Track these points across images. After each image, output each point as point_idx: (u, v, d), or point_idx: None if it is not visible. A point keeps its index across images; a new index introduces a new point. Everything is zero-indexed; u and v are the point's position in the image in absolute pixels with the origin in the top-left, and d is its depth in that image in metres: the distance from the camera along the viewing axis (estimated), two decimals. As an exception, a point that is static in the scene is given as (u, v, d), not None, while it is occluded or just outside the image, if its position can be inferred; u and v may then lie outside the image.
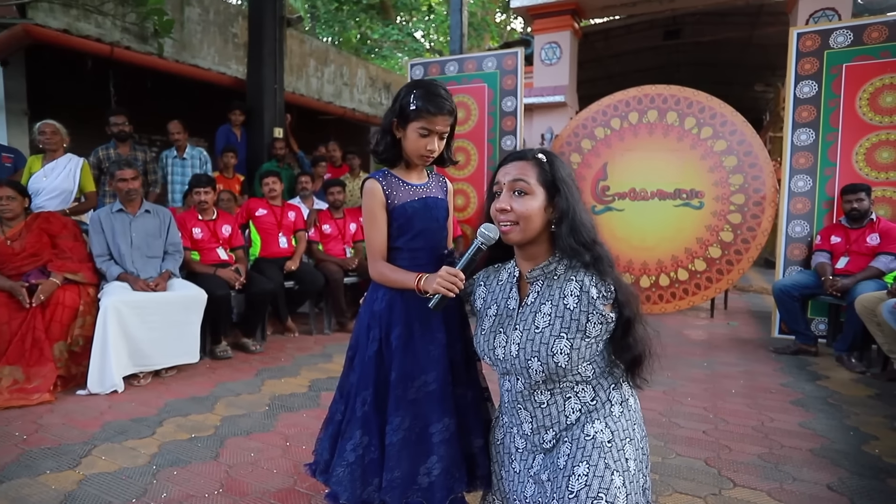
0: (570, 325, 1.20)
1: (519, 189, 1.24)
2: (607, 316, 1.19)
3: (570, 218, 1.23)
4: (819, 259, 3.71)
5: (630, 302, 1.22)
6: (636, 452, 1.20)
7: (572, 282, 1.23)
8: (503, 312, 1.33)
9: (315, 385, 2.99)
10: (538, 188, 1.24)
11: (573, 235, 1.22)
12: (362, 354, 1.48)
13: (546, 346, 1.21)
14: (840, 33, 3.97)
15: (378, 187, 1.44)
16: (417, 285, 1.35)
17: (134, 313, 2.90)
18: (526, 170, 1.25)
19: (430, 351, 1.43)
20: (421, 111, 1.37)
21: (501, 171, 1.29)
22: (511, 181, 1.25)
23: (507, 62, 5.11)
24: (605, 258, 1.23)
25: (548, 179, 1.25)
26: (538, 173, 1.25)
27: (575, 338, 1.19)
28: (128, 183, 3.13)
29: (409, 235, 1.46)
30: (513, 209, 1.23)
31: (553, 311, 1.23)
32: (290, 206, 4.30)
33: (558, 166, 1.27)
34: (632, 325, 1.23)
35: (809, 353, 3.66)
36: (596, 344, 1.23)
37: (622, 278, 1.25)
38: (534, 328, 1.24)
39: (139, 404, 2.65)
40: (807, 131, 4.07)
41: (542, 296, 1.26)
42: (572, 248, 1.22)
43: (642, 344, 1.25)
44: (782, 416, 2.58)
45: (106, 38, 5.35)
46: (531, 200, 1.23)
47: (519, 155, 1.29)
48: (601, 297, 1.19)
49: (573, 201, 1.24)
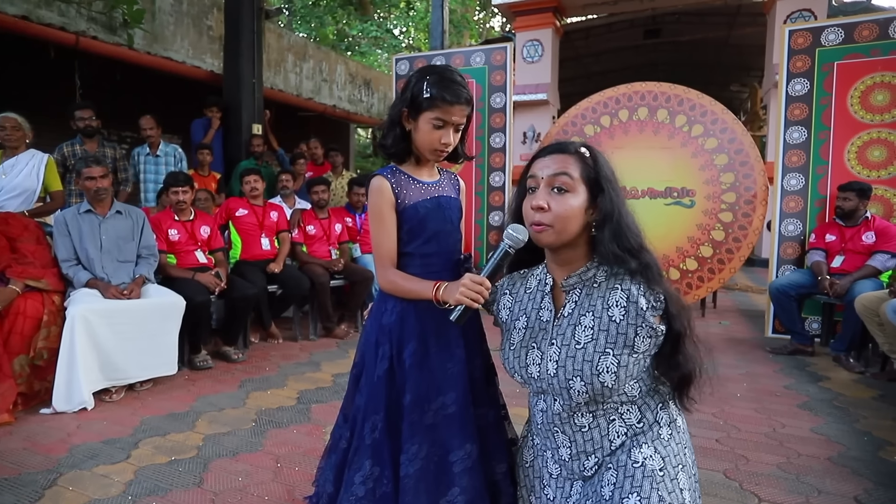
0: (617, 339, 1.07)
1: (560, 185, 1.10)
2: (657, 329, 1.06)
3: (614, 221, 1.09)
4: (814, 258, 3.68)
5: (681, 315, 1.10)
6: (689, 481, 1.08)
7: (617, 291, 1.09)
8: (535, 325, 1.19)
9: (304, 397, 2.81)
10: (580, 186, 1.10)
11: (617, 241, 1.09)
12: (370, 374, 1.32)
13: (590, 363, 1.07)
14: (831, 31, 3.95)
15: (387, 185, 1.29)
16: (436, 296, 1.20)
17: (104, 323, 2.67)
18: (568, 164, 1.11)
19: (447, 369, 1.28)
20: (435, 100, 1.22)
21: (538, 163, 1.15)
22: (551, 176, 1.11)
23: (496, 57, 4.98)
24: (654, 266, 1.10)
25: (591, 176, 1.12)
26: (581, 169, 1.11)
27: (622, 354, 1.06)
28: (96, 181, 2.89)
29: (422, 239, 1.31)
30: (551, 208, 1.09)
31: (596, 323, 1.09)
32: (272, 205, 4.09)
33: (602, 162, 1.14)
34: (682, 340, 1.10)
35: (806, 353, 3.63)
36: (644, 359, 1.10)
37: (672, 288, 1.12)
38: (574, 343, 1.11)
39: (112, 423, 2.43)
40: (799, 129, 4.05)
41: (582, 306, 1.13)
42: (616, 255, 1.09)
43: (692, 361, 1.12)
44: (792, 421, 2.50)
45: (71, 28, 5.03)
46: (572, 199, 1.09)
47: (559, 147, 1.15)
48: (651, 307, 1.06)
49: (618, 202, 1.11)
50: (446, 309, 1.19)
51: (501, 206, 5.05)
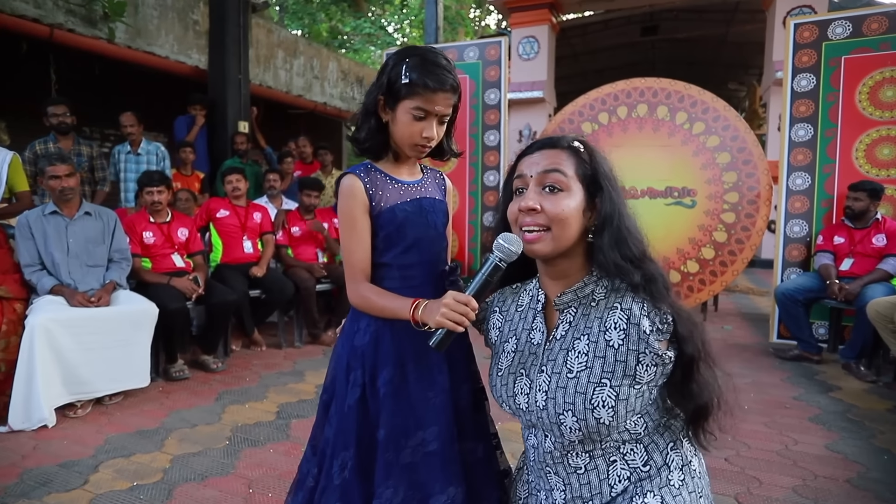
0: (615, 368, 0.90)
1: (552, 184, 0.93)
2: (664, 356, 0.90)
3: (614, 225, 0.93)
4: (822, 261, 3.53)
5: (693, 335, 0.92)
6: None
7: (616, 310, 0.93)
8: (525, 348, 1.02)
9: (284, 411, 2.63)
10: (576, 184, 0.94)
11: (618, 248, 0.92)
12: (340, 403, 1.15)
13: (583, 396, 0.91)
14: (839, 24, 3.79)
15: (359, 185, 1.11)
16: (413, 315, 1.02)
17: (68, 333, 2.49)
18: (560, 159, 0.95)
19: (428, 399, 1.11)
20: (415, 86, 1.04)
21: (526, 160, 0.98)
22: (541, 173, 0.94)
23: (490, 52, 4.80)
24: (660, 278, 0.93)
25: (587, 174, 0.95)
26: (576, 165, 0.95)
27: (621, 385, 0.90)
28: (61, 181, 2.70)
29: (400, 248, 1.13)
30: (543, 209, 0.92)
31: (592, 349, 0.93)
32: (255, 206, 3.91)
33: (599, 158, 0.97)
34: (696, 365, 0.93)
35: (812, 360, 3.47)
36: (649, 391, 0.93)
37: (681, 303, 0.95)
38: (565, 371, 0.94)
39: (73, 442, 2.24)
40: (805, 126, 3.89)
41: (577, 328, 0.96)
42: (617, 264, 0.92)
43: (709, 390, 0.95)
44: (805, 437, 2.34)
45: (47, 20, 4.82)
46: (567, 199, 0.93)
47: (549, 141, 0.98)
48: (656, 330, 0.89)
49: (618, 203, 0.95)
50: (426, 331, 1.02)
51: (496, 206, 4.88)
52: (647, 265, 0.93)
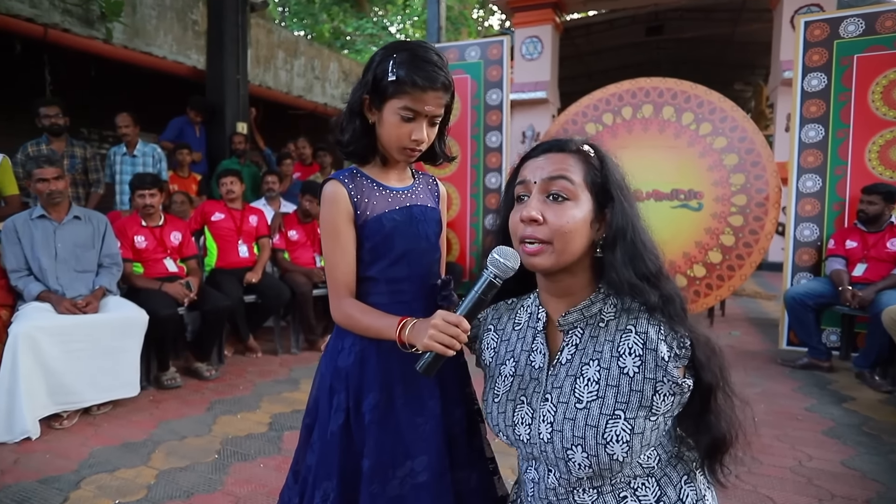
0: (630, 398, 0.81)
1: (557, 192, 0.84)
2: (683, 384, 0.80)
3: (627, 240, 0.84)
4: (834, 266, 3.42)
5: (711, 362, 0.84)
6: None
7: (630, 334, 0.83)
8: (525, 373, 0.93)
9: (277, 422, 2.54)
10: (583, 192, 0.85)
11: (632, 265, 0.83)
12: (323, 428, 1.06)
13: (595, 429, 0.81)
14: (851, 22, 3.68)
15: (342, 192, 1.02)
16: (399, 336, 0.93)
17: (54, 341, 2.41)
18: (567, 165, 0.85)
19: (417, 426, 1.02)
20: (404, 84, 0.95)
21: (530, 165, 0.89)
22: (545, 180, 0.85)
23: (492, 51, 4.71)
24: (678, 298, 0.84)
25: (597, 181, 0.86)
26: (584, 171, 0.86)
27: (636, 417, 0.80)
28: (49, 184, 2.62)
29: (388, 260, 1.04)
30: (546, 221, 0.83)
31: (603, 376, 0.83)
32: (251, 209, 3.82)
33: (610, 164, 0.88)
34: (714, 395, 0.84)
35: (822, 368, 3.36)
36: (664, 422, 0.84)
37: (698, 326, 0.86)
38: (573, 401, 0.85)
39: (56, 456, 2.16)
40: (815, 127, 3.78)
41: (585, 352, 0.87)
42: (630, 283, 0.83)
43: (727, 422, 0.87)
44: (819, 452, 2.24)
45: (43, 20, 4.75)
46: (573, 209, 0.84)
47: (556, 144, 0.89)
48: (674, 356, 0.80)
49: (632, 215, 0.85)
50: (414, 353, 0.92)
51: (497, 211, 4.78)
52: (663, 284, 0.84)
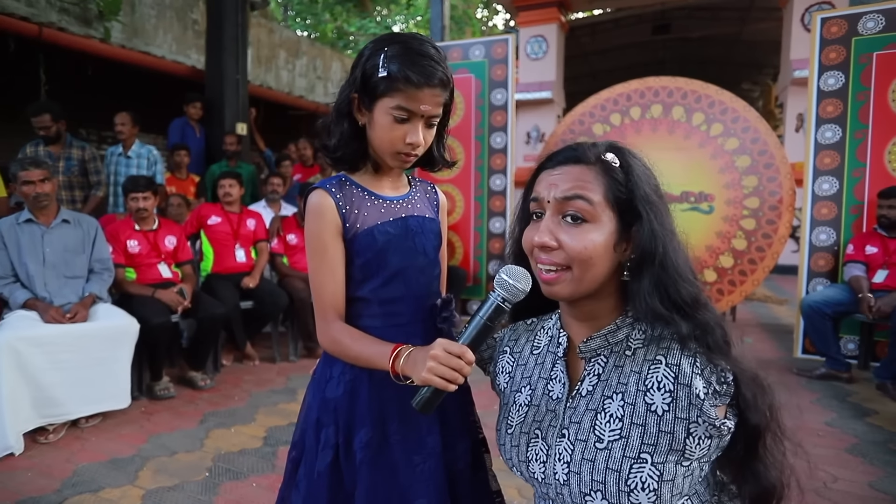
0: (658, 440, 0.70)
1: (574, 213, 0.73)
2: (721, 426, 0.69)
3: (656, 264, 0.73)
4: (853, 272, 3.28)
5: (759, 401, 0.73)
6: None
7: (660, 365, 0.72)
8: (541, 403, 0.82)
9: (272, 436, 2.43)
10: (605, 212, 0.74)
11: (659, 293, 0.72)
12: (310, 466, 0.95)
13: (617, 473, 0.71)
14: (870, 18, 3.54)
15: (329, 203, 0.91)
16: (393, 367, 0.82)
17: (39, 352, 2.31)
18: (585, 181, 0.74)
19: (415, 465, 0.91)
20: (396, 80, 0.84)
21: (544, 179, 0.78)
22: (560, 199, 0.74)
23: (497, 50, 4.59)
24: (717, 328, 0.73)
25: (620, 197, 0.74)
26: (606, 187, 0.74)
27: (665, 462, 0.69)
28: (35, 186, 2.52)
29: (381, 278, 0.93)
30: (562, 245, 0.73)
31: (628, 413, 0.73)
32: (249, 212, 3.72)
33: (639, 174, 0.76)
34: (762, 439, 0.74)
35: (840, 379, 3.23)
36: (699, 468, 0.73)
37: (745, 359, 0.74)
38: (594, 440, 0.74)
39: (38, 474, 2.06)
40: (832, 128, 3.64)
41: (608, 384, 0.76)
42: (657, 313, 0.72)
43: (777, 470, 0.76)
44: (844, 472, 2.11)
45: (40, 19, 4.67)
46: (593, 232, 0.73)
47: (573, 154, 0.77)
48: (712, 393, 0.69)
49: (663, 235, 0.74)
50: (410, 386, 0.81)
51: (503, 211, 4.66)
52: (700, 313, 0.72)
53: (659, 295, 0.72)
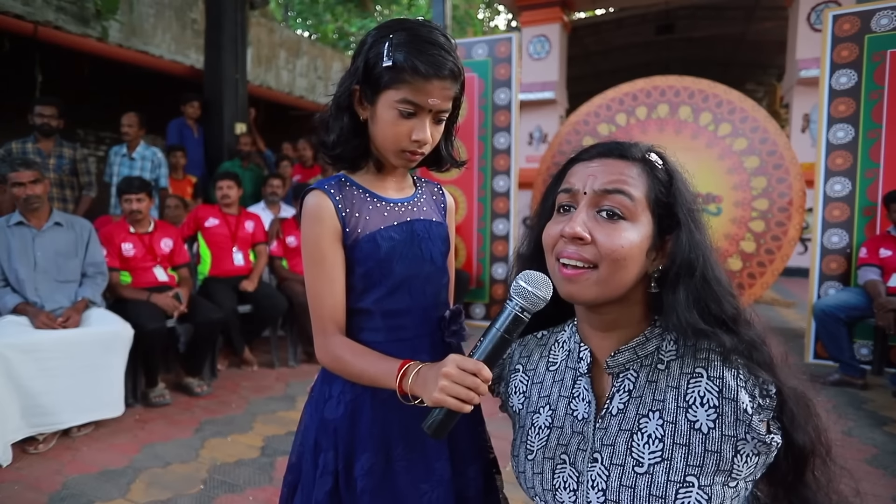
0: (705, 461, 0.64)
1: (611, 208, 0.67)
2: (770, 442, 0.63)
3: (696, 276, 0.66)
4: (868, 276, 3.19)
5: (806, 418, 0.67)
6: None
7: (700, 379, 0.66)
8: (566, 424, 0.75)
9: (270, 446, 2.35)
10: (644, 212, 0.67)
11: (698, 307, 0.66)
12: (307, 493, 0.86)
13: (663, 501, 0.64)
14: (884, 14, 3.46)
15: (328, 206, 0.83)
16: (401, 386, 0.74)
17: (29, 359, 2.23)
18: (628, 176, 0.68)
19: (422, 494, 0.82)
20: (402, 71, 0.76)
21: (579, 169, 0.71)
22: (598, 192, 0.67)
23: (500, 49, 4.51)
24: (763, 347, 0.67)
25: (661, 200, 0.68)
26: (647, 186, 0.68)
27: (713, 484, 0.63)
28: (25, 188, 2.44)
29: (385, 288, 0.85)
30: (595, 240, 0.66)
31: (668, 432, 0.66)
32: (248, 214, 3.64)
33: (681, 180, 0.70)
34: (811, 460, 0.68)
35: (855, 385, 3.14)
36: (745, 487, 0.67)
37: (791, 377, 0.67)
38: (632, 464, 0.67)
39: (25, 487, 1.98)
40: (845, 128, 3.55)
41: (642, 401, 0.69)
42: (698, 329, 0.65)
43: (826, 499, 0.70)
44: (866, 485, 2.03)
45: (35, 17, 4.60)
46: (630, 231, 0.66)
47: (616, 148, 0.71)
48: (758, 408, 0.63)
49: (703, 246, 0.67)
50: (418, 406, 0.73)
51: (506, 213, 4.58)
52: (742, 329, 0.66)
53: (699, 309, 0.66)
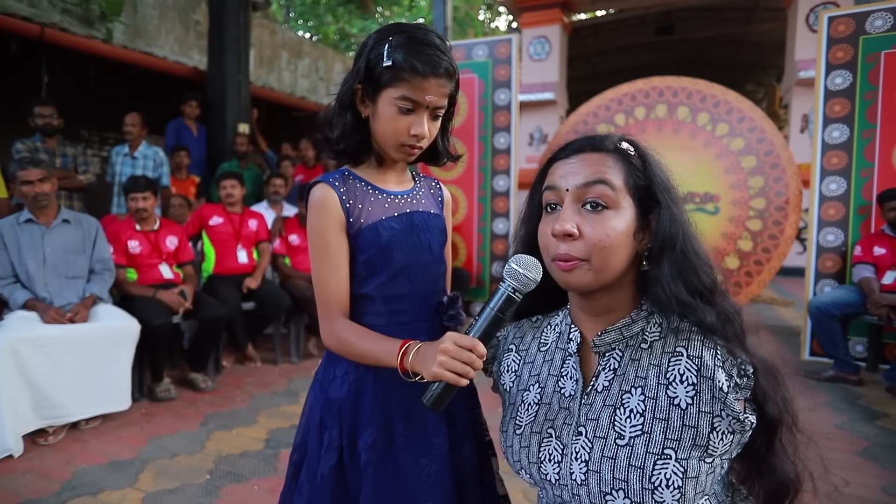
0: (682, 434, 0.68)
1: (594, 199, 0.72)
2: (745, 420, 0.68)
3: (677, 250, 0.72)
4: (863, 273, 3.24)
5: (776, 392, 0.71)
6: None
7: (681, 358, 0.71)
8: (553, 401, 0.79)
9: (274, 439, 2.41)
10: (625, 198, 0.73)
11: (682, 279, 0.71)
12: (312, 469, 0.92)
13: (640, 471, 0.68)
14: (878, 16, 3.51)
15: (333, 197, 0.88)
16: (402, 363, 0.79)
17: (39, 353, 2.28)
18: (605, 167, 0.73)
19: (422, 467, 0.88)
20: (401, 70, 0.81)
21: (560, 168, 0.76)
22: (581, 186, 0.72)
23: (500, 50, 4.57)
24: (736, 317, 0.72)
25: (639, 184, 0.74)
26: (625, 173, 0.74)
27: (689, 458, 0.67)
28: (34, 186, 2.50)
29: (386, 275, 0.90)
30: (583, 234, 0.71)
31: (649, 407, 0.71)
32: (251, 213, 3.70)
33: (654, 162, 0.76)
34: (778, 432, 0.72)
35: (849, 381, 3.18)
36: (721, 465, 0.71)
37: (759, 348, 0.73)
38: (613, 436, 0.72)
39: (37, 476, 2.03)
40: (840, 127, 3.60)
41: (625, 378, 0.74)
42: (680, 300, 0.71)
43: (793, 463, 0.74)
44: (856, 476, 2.07)
45: (42, 19, 4.66)
46: (614, 219, 0.71)
47: (590, 142, 0.76)
48: (735, 387, 0.68)
49: (682, 221, 0.73)
50: (418, 383, 0.79)
51: (506, 212, 4.63)
52: (719, 301, 0.72)
53: (683, 281, 0.71)
